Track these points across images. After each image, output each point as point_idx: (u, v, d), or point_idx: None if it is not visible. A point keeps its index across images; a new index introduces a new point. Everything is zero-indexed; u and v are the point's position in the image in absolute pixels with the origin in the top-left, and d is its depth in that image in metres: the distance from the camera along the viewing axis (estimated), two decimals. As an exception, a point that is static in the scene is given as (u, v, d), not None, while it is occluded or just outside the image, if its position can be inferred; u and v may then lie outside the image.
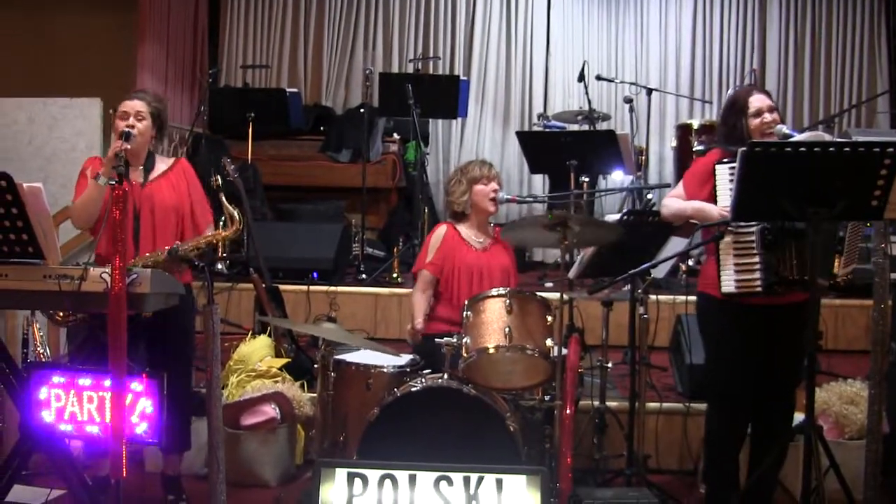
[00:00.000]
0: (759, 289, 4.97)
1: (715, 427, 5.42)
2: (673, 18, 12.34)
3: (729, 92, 8.85)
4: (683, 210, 5.28)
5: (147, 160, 5.55)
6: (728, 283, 5.04)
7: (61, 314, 5.26)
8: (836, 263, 4.93)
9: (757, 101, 5.23)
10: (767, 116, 5.18)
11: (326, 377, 5.55)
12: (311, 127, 11.74)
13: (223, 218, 5.54)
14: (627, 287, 6.01)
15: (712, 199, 5.13)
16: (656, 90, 10.70)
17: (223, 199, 5.50)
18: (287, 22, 12.62)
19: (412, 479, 4.45)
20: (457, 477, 4.46)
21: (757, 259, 4.96)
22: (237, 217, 5.46)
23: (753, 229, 4.96)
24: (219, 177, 5.74)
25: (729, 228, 4.99)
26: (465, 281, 6.14)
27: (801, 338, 4.77)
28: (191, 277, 5.58)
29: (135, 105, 5.45)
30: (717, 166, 5.09)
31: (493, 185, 6.22)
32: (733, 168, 4.79)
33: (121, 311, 4.23)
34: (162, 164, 5.65)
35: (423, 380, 5.37)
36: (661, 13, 12.36)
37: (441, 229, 6.32)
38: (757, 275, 4.96)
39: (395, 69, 12.28)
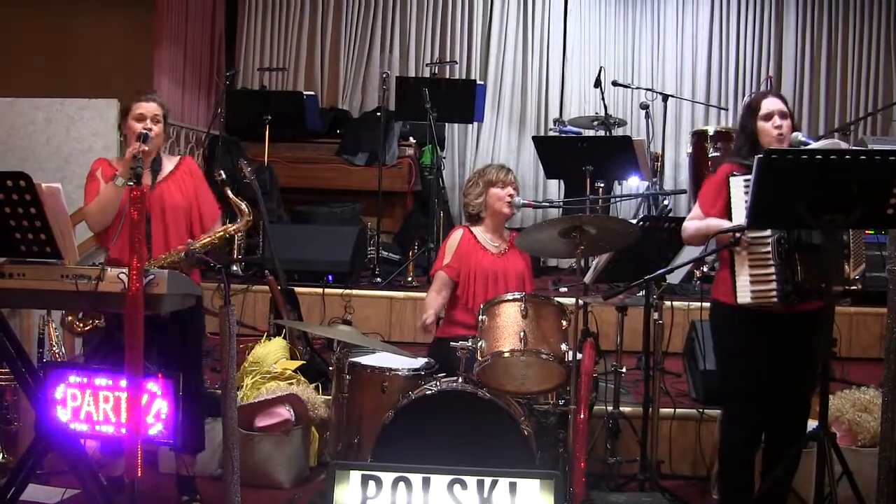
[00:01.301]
0: (774, 299, 4.95)
1: (730, 434, 5.41)
2: (689, 25, 12.37)
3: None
4: (699, 228, 5.25)
5: (154, 161, 5.56)
6: (744, 294, 5.01)
7: (79, 324, 5.28)
8: (846, 268, 4.91)
9: (769, 104, 5.23)
10: (777, 120, 5.17)
11: (341, 380, 5.55)
12: (327, 130, 11.76)
13: (236, 214, 5.55)
14: (642, 293, 6.02)
15: (726, 210, 5.12)
16: (672, 96, 10.71)
17: (228, 192, 5.53)
18: (304, 25, 12.67)
19: (426, 481, 4.47)
20: (470, 480, 4.47)
21: (772, 269, 4.94)
22: (245, 209, 5.48)
23: (769, 240, 4.95)
24: (222, 171, 5.73)
25: (744, 238, 4.97)
26: (481, 285, 6.15)
27: (815, 345, 4.79)
28: (199, 278, 5.58)
29: (151, 108, 5.49)
30: (732, 178, 5.05)
31: (509, 190, 6.23)
32: (748, 180, 4.78)
33: (138, 312, 4.25)
34: (168, 164, 5.67)
35: (438, 383, 5.38)
36: (678, 19, 12.39)
37: (458, 233, 6.33)
38: (773, 285, 4.94)
39: (412, 73, 12.32)
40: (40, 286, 4.46)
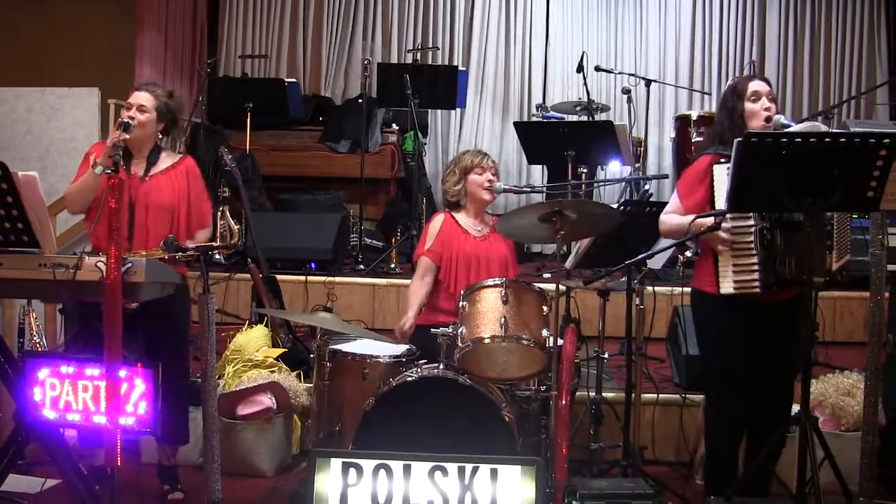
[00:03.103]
0: (757, 289, 4.95)
1: (714, 420, 5.41)
2: (672, 9, 12.33)
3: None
4: (682, 224, 5.23)
5: (151, 154, 5.54)
6: (727, 284, 5.01)
7: None
8: (829, 260, 4.90)
9: (756, 85, 5.23)
10: (766, 101, 5.17)
11: (323, 367, 5.53)
12: (309, 117, 11.73)
13: (222, 230, 5.52)
14: (624, 278, 6.01)
15: (706, 201, 5.11)
16: (655, 81, 10.69)
17: (227, 213, 5.48)
18: (286, 12, 12.61)
19: (407, 468, 4.48)
20: (451, 467, 4.48)
21: (755, 259, 4.94)
22: (237, 233, 5.44)
23: (752, 230, 4.95)
24: (227, 189, 5.71)
25: (724, 226, 4.96)
26: (464, 270, 6.13)
27: (798, 331, 4.78)
28: (186, 269, 5.57)
29: (139, 97, 5.46)
30: (716, 166, 5.04)
31: (488, 176, 6.21)
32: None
33: (116, 300, 4.23)
34: (167, 160, 5.61)
35: (419, 370, 5.37)
36: (661, 4, 12.36)
37: (439, 217, 6.31)
38: (755, 275, 4.94)
39: (394, 59, 12.28)
40: (18, 275, 4.45)
